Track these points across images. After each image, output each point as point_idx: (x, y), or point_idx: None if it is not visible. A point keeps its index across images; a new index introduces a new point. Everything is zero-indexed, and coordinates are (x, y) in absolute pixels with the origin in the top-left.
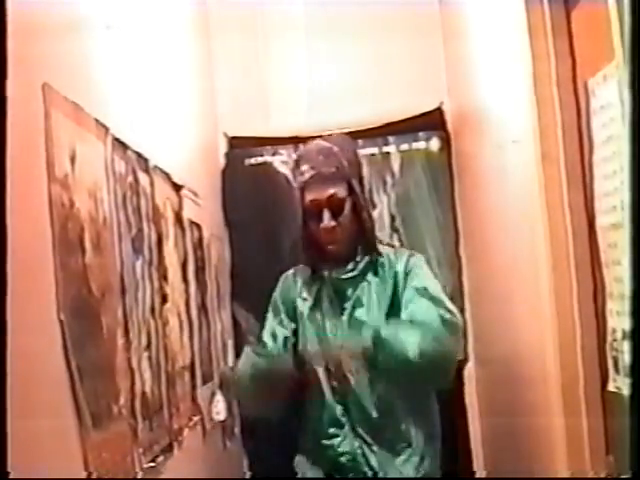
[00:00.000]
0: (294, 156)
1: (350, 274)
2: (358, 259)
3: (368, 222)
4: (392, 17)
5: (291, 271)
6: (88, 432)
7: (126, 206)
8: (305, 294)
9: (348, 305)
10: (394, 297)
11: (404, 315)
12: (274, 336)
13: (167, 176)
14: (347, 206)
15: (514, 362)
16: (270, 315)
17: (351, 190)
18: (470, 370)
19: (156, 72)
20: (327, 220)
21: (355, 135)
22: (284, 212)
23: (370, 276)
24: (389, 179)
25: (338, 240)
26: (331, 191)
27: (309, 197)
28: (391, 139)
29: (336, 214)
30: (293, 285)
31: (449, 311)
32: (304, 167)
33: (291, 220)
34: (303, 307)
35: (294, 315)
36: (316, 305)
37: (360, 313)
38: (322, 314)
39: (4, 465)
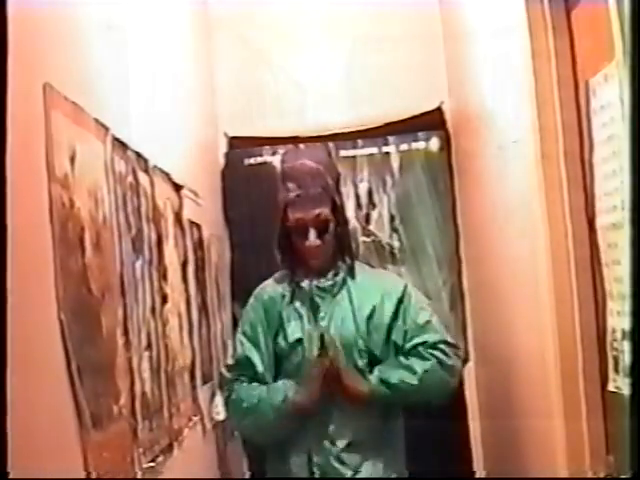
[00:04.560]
0: (279, 169)
1: (329, 282)
2: (337, 271)
3: (348, 236)
4: (392, 17)
5: (268, 283)
6: (88, 432)
7: (126, 206)
8: (281, 309)
9: (325, 314)
10: (375, 313)
11: (402, 341)
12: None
13: (167, 176)
14: (332, 224)
15: (514, 362)
16: (250, 345)
17: (334, 208)
18: (470, 370)
19: (156, 72)
20: (313, 239)
21: (355, 135)
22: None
23: (348, 286)
24: (389, 179)
25: (321, 256)
26: (317, 211)
27: (295, 215)
28: (391, 139)
29: (321, 233)
30: (270, 302)
31: (450, 347)
32: (290, 185)
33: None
34: (280, 320)
35: (272, 335)
36: (293, 315)
37: (336, 323)
38: (301, 324)
39: (4, 465)
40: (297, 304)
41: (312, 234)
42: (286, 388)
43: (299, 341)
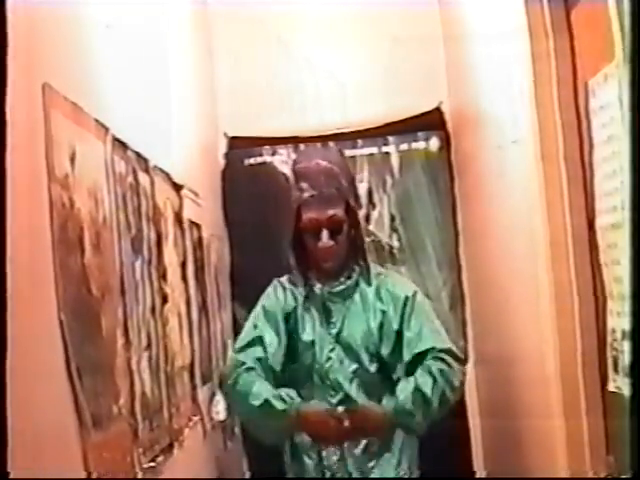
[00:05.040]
0: (291, 171)
1: (341, 287)
2: (350, 274)
3: (362, 239)
4: (392, 17)
5: (284, 279)
6: (88, 432)
7: (126, 206)
8: (296, 305)
9: (337, 318)
10: (385, 319)
11: (408, 346)
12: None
13: (167, 176)
14: (345, 226)
15: (514, 362)
16: (264, 325)
17: (348, 210)
18: (470, 370)
19: (156, 72)
20: (326, 239)
21: (355, 135)
22: (284, 212)
23: (361, 290)
24: (389, 179)
25: (334, 258)
26: (331, 212)
27: (308, 215)
28: (391, 139)
29: (334, 234)
30: (284, 295)
31: (452, 359)
32: (304, 185)
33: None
34: (294, 319)
35: (285, 327)
36: (305, 317)
37: (348, 327)
38: (313, 326)
39: (4, 465)
40: (310, 307)
41: (325, 235)
42: (291, 404)
43: (311, 343)
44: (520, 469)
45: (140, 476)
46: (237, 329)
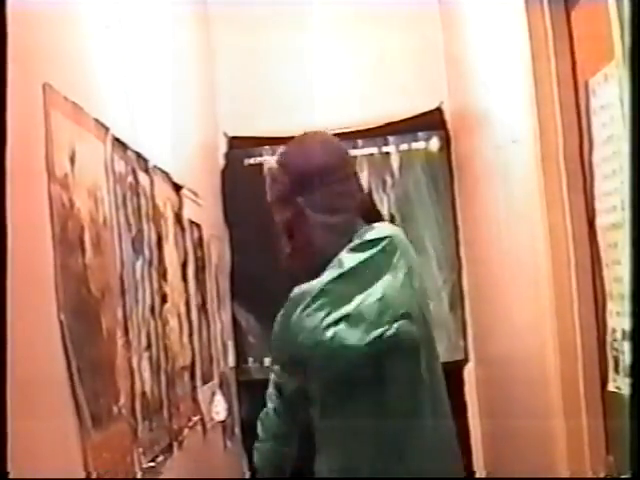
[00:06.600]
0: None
1: None
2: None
3: (320, 237)
4: (392, 17)
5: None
6: (88, 432)
7: (126, 206)
8: None
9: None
10: None
11: None
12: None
13: (167, 176)
14: (297, 227)
15: (514, 362)
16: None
17: (297, 209)
18: (470, 370)
19: (156, 72)
20: (284, 246)
21: (355, 135)
22: None
23: None
24: (389, 179)
25: (294, 266)
26: (278, 218)
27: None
28: (391, 139)
29: (289, 238)
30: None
31: None
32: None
33: None
34: None
35: None
36: None
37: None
38: None
39: (4, 465)
40: None
41: (283, 241)
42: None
43: None
44: (520, 469)
45: (140, 476)
46: (237, 329)
